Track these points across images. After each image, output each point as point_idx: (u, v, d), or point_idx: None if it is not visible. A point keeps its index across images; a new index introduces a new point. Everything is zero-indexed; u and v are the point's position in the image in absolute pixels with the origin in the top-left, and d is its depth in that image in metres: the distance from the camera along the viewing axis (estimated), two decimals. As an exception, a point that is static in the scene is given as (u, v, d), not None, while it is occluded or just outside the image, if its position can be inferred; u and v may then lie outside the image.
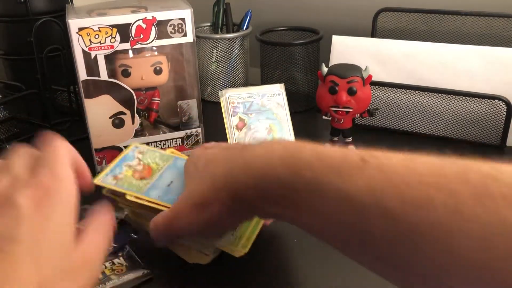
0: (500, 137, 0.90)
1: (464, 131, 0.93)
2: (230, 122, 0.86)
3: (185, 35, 0.84)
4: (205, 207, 0.48)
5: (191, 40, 0.85)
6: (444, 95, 0.93)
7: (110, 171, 0.67)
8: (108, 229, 0.43)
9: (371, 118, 1.00)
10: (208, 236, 0.59)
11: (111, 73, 0.84)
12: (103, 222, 0.43)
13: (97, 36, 0.79)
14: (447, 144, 0.93)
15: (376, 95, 0.98)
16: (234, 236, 0.62)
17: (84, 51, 0.79)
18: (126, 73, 0.85)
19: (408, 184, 0.36)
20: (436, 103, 0.94)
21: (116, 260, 0.66)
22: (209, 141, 0.95)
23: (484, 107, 0.90)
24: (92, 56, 0.80)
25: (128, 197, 0.63)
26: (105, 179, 0.66)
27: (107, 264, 0.65)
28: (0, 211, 0.36)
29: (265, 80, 1.13)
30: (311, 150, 0.42)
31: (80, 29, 0.78)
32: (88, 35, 0.79)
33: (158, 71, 0.87)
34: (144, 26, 0.81)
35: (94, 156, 0.86)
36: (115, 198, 0.65)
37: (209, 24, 1.24)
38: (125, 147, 0.87)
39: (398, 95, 0.97)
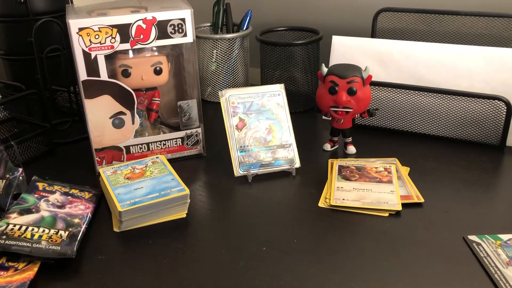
0: (500, 137, 0.90)
1: (464, 131, 0.93)
2: (230, 122, 0.86)
3: (185, 35, 0.84)
4: None
5: (191, 40, 0.85)
6: (444, 95, 0.93)
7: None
8: None
9: (371, 118, 1.00)
10: None
11: (111, 73, 0.84)
12: None
13: (97, 36, 0.79)
14: (447, 144, 0.93)
15: (376, 95, 0.98)
16: None
17: (84, 51, 0.80)
18: (126, 73, 0.85)
19: None
20: (436, 103, 0.94)
21: (61, 232, 0.68)
22: (209, 141, 0.96)
23: (484, 107, 0.90)
24: (92, 56, 0.80)
25: None
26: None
27: (51, 231, 0.68)
28: None
29: (265, 80, 1.13)
30: None
31: (80, 29, 0.78)
32: (88, 35, 0.79)
33: (158, 71, 0.87)
34: (144, 26, 0.81)
35: (94, 156, 0.86)
36: None
37: (209, 24, 1.24)
38: (125, 147, 0.87)
39: (398, 95, 0.97)
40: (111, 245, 0.70)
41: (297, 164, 0.86)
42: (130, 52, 0.85)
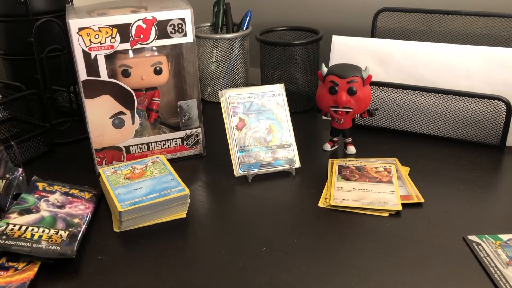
0: (500, 137, 0.90)
1: (464, 131, 0.93)
2: (230, 122, 0.86)
3: (185, 35, 0.84)
4: None
5: (191, 40, 0.85)
6: (444, 95, 0.93)
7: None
8: None
9: (371, 118, 1.00)
10: None
11: (111, 73, 0.84)
12: None
13: (97, 36, 0.79)
14: (447, 144, 0.93)
15: (376, 95, 0.98)
16: None
17: (84, 51, 0.79)
18: (126, 73, 0.85)
19: None
20: (436, 103, 0.94)
21: (61, 232, 0.68)
22: (209, 141, 0.96)
23: (484, 107, 0.90)
24: (92, 56, 0.80)
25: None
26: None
27: (51, 231, 0.68)
28: None
29: (265, 80, 1.13)
30: None
31: (80, 29, 0.78)
32: (88, 35, 0.79)
33: (158, 71, 0.87)
34: (144, 26, 0.81)
35: (94, 156, 0.86)
36: None
37: (209, 24, 1.24)
38: (125, 147, 0.87)
39: (398, 95, 0.97)
40: (111, 245, 0.70)
41: (297, 164, 0.86)
42: (130, 52, 0.85)
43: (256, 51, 1.21)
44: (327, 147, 0.93)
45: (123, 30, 0.80)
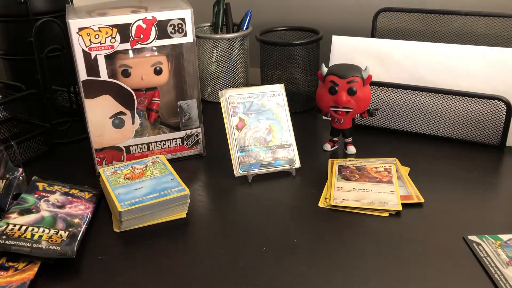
0: (500, 137, 0.90)
1: (464, 131, 0.93)
2: (230, 122, 0.86)
3: (185, 35, 0.84)
4: None
5: (191, 40, 0.85)
6: (444, 95, 0.93)
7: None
8: None
9: (371, 118, 1.00)
10: None
11: (111, 73, 0.84)
12: None
13: (97, 36, 0.79)
14: (447, 144, 0.93)
15: (376, 95, 0.98)
16: None
17: (84, 51, 0.79)
18: (126, 73, 0.85)
19: None
20: (436, 103, 0.94)
21: (61, 232, 0.68)
22: (209, 141, 0.96)
23: (484, 107, 0.90)
24: (92, 56, 0.80)
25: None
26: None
27: (51, 231, 0.68)
28: None
29: (265, 80, 1.13)
30: None
31: (80, 29, 0.78)
32: (88, 35, 0.79)
33: (158, 71, 0.87)
34: (144, 26, 0.81)
35: (94, 156, 0.86)
36: None
37: (209, 24, 1.24)
38: (126, 147, 0.87)
39: (398, 95, 0.97)
40: (111, 245, 0.70)
41: (297, 164, 0.86)
42: (130, 52, 0.85)
43: (256, 51, 1.21)
44: (327, 147, 0.93)
45: (123, 30, 0.80)
